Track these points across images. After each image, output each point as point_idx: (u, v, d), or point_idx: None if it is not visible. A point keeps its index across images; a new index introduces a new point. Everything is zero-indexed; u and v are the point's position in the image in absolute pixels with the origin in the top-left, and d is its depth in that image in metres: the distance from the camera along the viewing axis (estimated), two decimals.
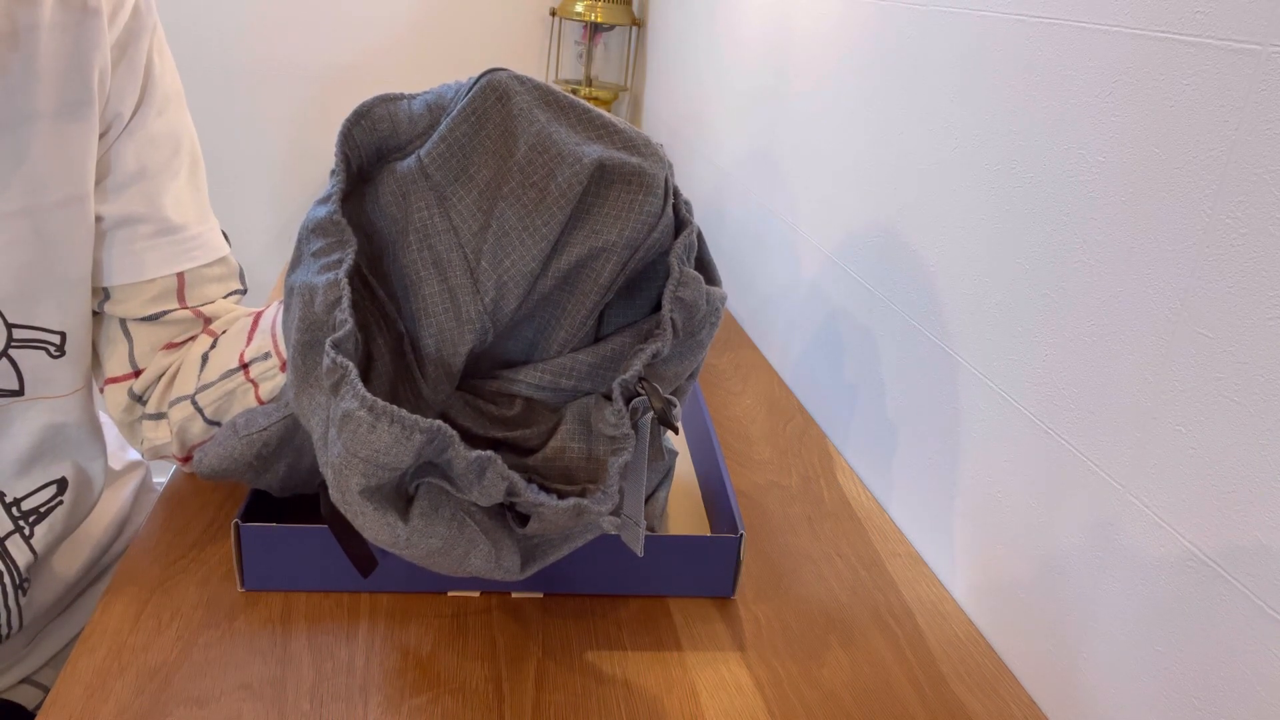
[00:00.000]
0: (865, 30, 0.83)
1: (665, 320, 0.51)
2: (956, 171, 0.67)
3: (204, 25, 1.72)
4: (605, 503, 0.48)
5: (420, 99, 0.52)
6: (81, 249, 0.60)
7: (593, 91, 1.81)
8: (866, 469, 0.81)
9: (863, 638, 0.61)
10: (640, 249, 0.51)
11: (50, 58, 0.55)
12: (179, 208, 0.65)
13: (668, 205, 0.52)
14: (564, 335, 0.52)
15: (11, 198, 0.55)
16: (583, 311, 0.51)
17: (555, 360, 0.52)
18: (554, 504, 0.46)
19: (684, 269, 0.51)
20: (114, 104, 0.60)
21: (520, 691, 0.53)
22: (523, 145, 0.49)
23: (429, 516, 0.46)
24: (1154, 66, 0.49)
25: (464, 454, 0.44)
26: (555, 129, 0.50)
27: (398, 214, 0.51)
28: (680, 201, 0.54)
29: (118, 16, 0.59)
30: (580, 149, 0.49)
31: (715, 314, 0.55)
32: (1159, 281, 0.48)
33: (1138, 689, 0.50)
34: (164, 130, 0.64)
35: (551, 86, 0.51)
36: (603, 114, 0.52)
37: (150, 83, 0.62)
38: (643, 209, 0.50)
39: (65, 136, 0.57)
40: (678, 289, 0.51)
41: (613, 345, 0.52)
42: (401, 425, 0.42)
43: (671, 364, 0.53)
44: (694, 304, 0.52)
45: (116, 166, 0.61)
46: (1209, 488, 0.45)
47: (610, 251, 0.50)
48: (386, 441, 0.43)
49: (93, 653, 0.53)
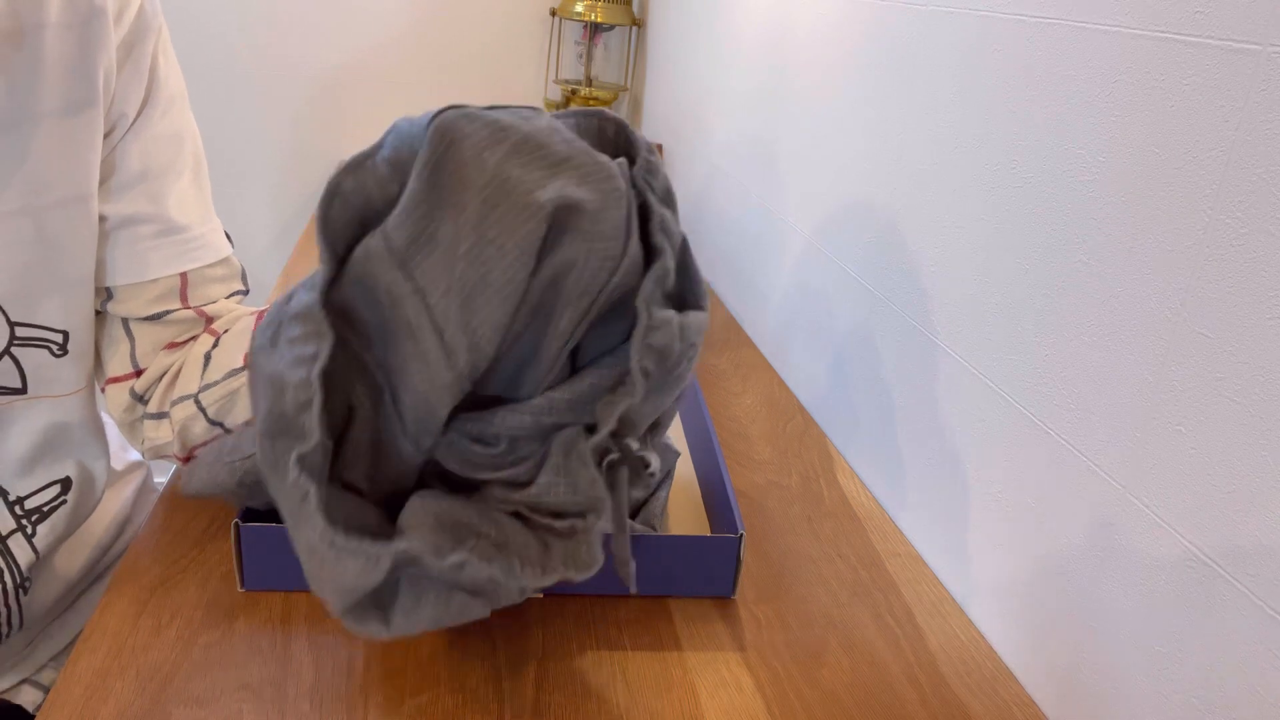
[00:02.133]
0: (865, 30, 0.83)
1: (634, 373, 0.48)
2: (956, 171, 0.67)
3: (205, 25, 1.72)
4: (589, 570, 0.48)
5: (382, 155, 0.49)
6: (84, 248, 0.60)
7: (593, 91, 1.81)
8: (866, 469, 0.81)
9: (863, 638, 0.61)
10: (601, 294, 0.49)
11: (55, 57, 0.55)
12: (183, 208, 0.65)
13: (630, 243, 0.49)
14: (537, 375, 0.50)
15: (14, 196, 0.55)
16: (551, 354, 0.49)
17: (533, 402, 0.50)
18: (539, 583, 0.47)
19: (653, 314, 0.48)
20: (119, 104, 0.60)
21: (520, 691, 0.53)
22: (475, 198, 0.46)
23: (411, 612, 0.48)
24: (1154, 66, 0.49)
25: (437, 564, 0.44)
26: (508, 172, 0.46)
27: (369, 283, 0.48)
28: (654, 224, 0.50)
29: (124, 17, 0.59)
30: (533, 195, 0.46)
31: (693, 348, 0.51)
32: (1159, 281, 0.48)
33: (1138, 689, 0.50)
34: (168, 131, 0.64)
35: (502, 120, 0.47)
36: (559, 142, 0.48)
37: (155, 83, 0.62)
38: (600, 256, 0.47)
39: (69, 136, 0.57)
40: (647, 335, 0.48)
41: (590, 380, 0.50)
42: (365, 557, 0.43)
43: (650, 401, 0.51)
44: (666, 349, 0.48)
45: (121, 166, 0.61)
46: (1209, 488, 0.45)
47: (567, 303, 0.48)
48: (353, 572, 0.44)
49: (93, 653, 0.53)
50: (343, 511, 0.48)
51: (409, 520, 0.48)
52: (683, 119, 1.50)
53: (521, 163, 0.47)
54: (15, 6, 0.53)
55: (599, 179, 0.47)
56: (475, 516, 0.50)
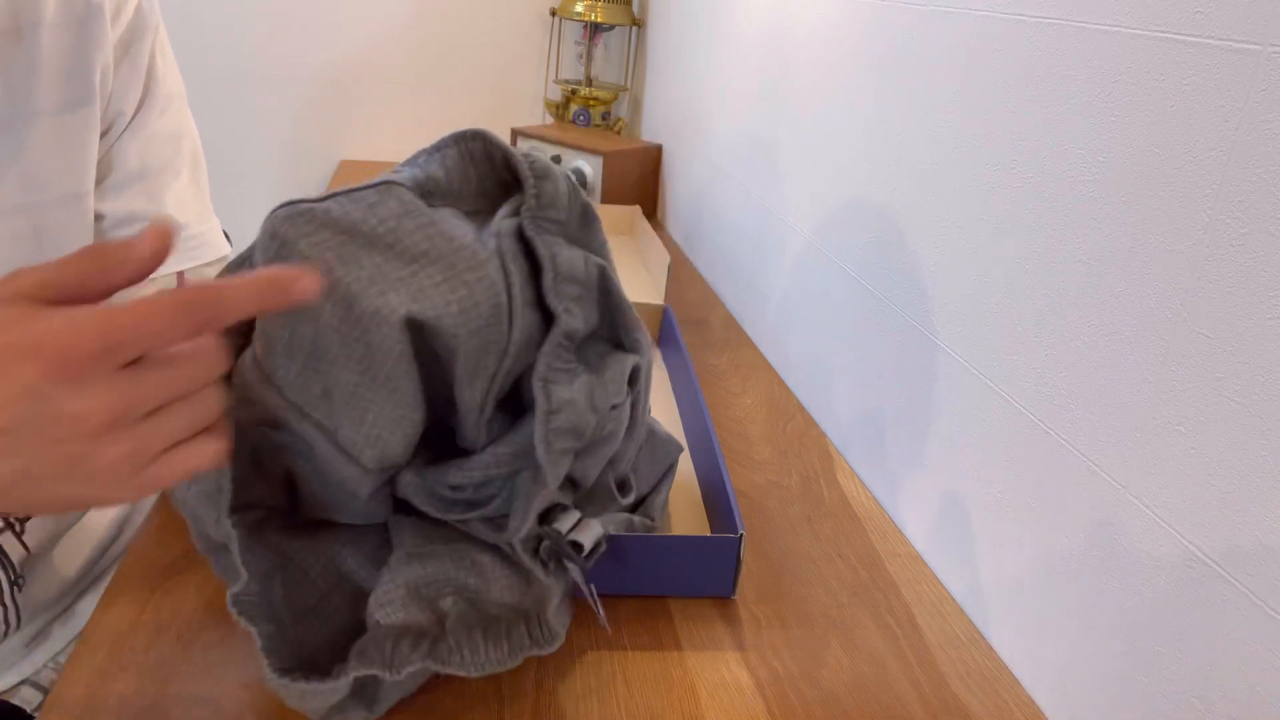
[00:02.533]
0: (865, 30, 0.83)
1: (543, 463, 0.45)
2: (956, 171, 0.67)
3: (204, 24, 1.72)
4: (552, 642, 0.49)
5: (256, 259, 0.46)
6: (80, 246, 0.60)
7: (593, 91, 1.81)
8: (866, 469, 0.81)
9: (863, 638, 0.61)
10: (498, 374, 0.46)
11: (52, 55, 0.55)
12: (181, 207, 0.65)
13: (514, 325, 0.45)
14: (473, 432, 0.49)
15: (11, 194, 0.55)
16: (474, 419, 0.48)
17: (478, 458, 0.49)
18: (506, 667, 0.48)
19: (551, 397, 0.45)
20: (116, 102, 0.60)
21: (520, 691, 0.53)
22: (327, 304, 0.42)
23: (392, 690, 0.49)
24: (1154, 66, 0.48)
25: (392, 677, 0.45)
26: (354, 274, 0.42)
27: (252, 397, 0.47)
28: (546, 282, 0.46)
29: (120, 15, 0.59)
30: (382, 300, 0.42)
31: (615, 410, 0.49)
32: (1159, 281, 0.48)
33: (1138, 689, 0.50)
34: (166, 129, 0.64)
35: (346, 213, 0.43)
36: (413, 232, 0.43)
37: (153, 82, 0.63)
38: (480, 345, 0.45)
39: (66, 134, 0.57)
40: (549, 420, 0.45)
41: (528, 430, 0.48)
42: (319, 694, 0.45)
43: (586, 459, 0.50)
44: (576, 428, 0.46)
45: (118, 165, 0.61)
46: (1209, 488, 0.45)
47: (464, 383, 0.46)
48: (315, 703, 0.46)
49: (93, 653, 0.53)
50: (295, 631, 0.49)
51: (378, 601, 0.49)
52: (683, 119, 1.50)
53: (376, 257, 0.43)
54: (13, 5, 0.53)
55: (464, 268, 0.44)
56: (455, 568, 0.50)
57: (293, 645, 0.48)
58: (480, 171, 0.49)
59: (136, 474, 0.37)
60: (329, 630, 0.50)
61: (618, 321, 0.52)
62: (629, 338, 0.52)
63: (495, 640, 0.47)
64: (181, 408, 0.38)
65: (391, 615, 0.48)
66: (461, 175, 0.49)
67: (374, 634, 0.47)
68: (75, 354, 0.34)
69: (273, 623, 0.48)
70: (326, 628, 0.50)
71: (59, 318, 0.34)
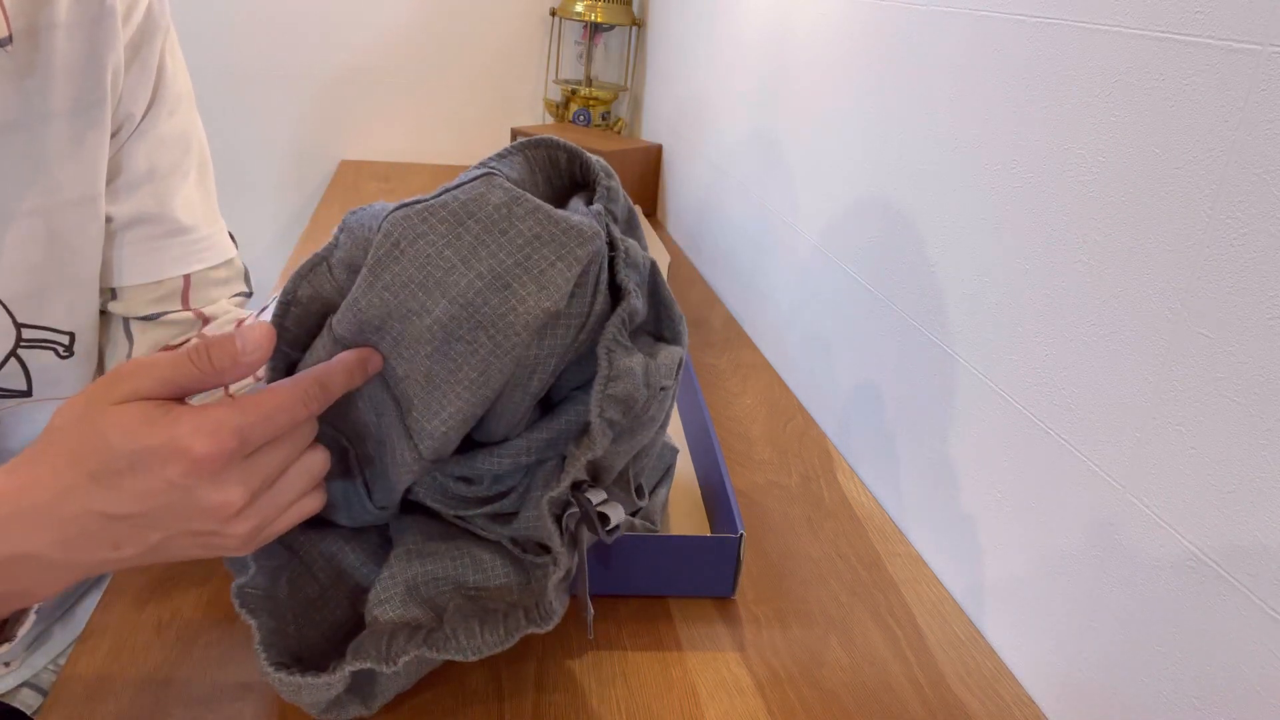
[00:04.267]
0: (865, 30, 0.83)
1: (595, 426, 0.46)
2: (956, 171, 0.67)
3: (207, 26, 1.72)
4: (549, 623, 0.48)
5: (337, 257, 0.48)
6: (92, 249, 0.60)
7: (593, 91, 1.81)
8: (866, 469, 0.81)
9: (863, 638, 0.61)
10: (568, 352, 0.47)
11: (66, 57, 0.55)
12: (189, 209, 0.65)
13: (596, 301, 0.46)
14: (512, 423, 0.49)
15: (28, 196, 0.55)
16: (523, 410, 0.49)
17: (512, 444, 0.49)
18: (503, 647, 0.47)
19: (614, 363, 0.46)
20: (126, 104, 0.60)
21: (520, 691, 0.53)
22: (441, 301, 0.43)
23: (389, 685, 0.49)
24: (1154, 66, 0.48)
25: (389, 670, 0.46)
26: (472, 270, 0.43)
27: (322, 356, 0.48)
28: (619, 260, 0.47)
29: (131, 16, 0.59)
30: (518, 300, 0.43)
31: (662, 391, 0.50)
32: (1159, 281, 0.48)
33: (1138, 689, 0.50)
34: (175, 131, 0.64)
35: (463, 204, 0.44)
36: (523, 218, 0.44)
37: (162, 83, 0.62)
38: (566, 324, 0.46)
39: (80, 136, 0.57)
40: (608, 386, 0.46)
41: (566, 416, 0.49)
42: (315, 688, 0.45)
43: (622, 444, 0.50)
44: (630, 398, 0.47)
45: (127, 166, 0.61)
46: (1209, 488, 0.45)
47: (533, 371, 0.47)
48: (311, 697, 0.46)
49: (93, 653, 0.53)
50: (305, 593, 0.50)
51: (377, 598, 0.49)
52: (683, 119, 1.50)
53: (490, 248, 0.43)
54: (27, 6, 0.53)
55: (576, 244, 0.44)
56: (455, 565, 0.50)
57: (291, 641, 0.48)
58: (545, 175, 0.51)
59: (256, 537, 0.42)
60: (327, 625, 0.51)
61: (663, 315, 0.53)
62: (672, 330, 0.54)
63: (493, 626, 0.47)
64: (296, 474, 0.43)
65: (390, 612, 0.48)
66: (530, 181, 0.50)
67: (371, 629, 0.48)
68: (217, 454, 0.38)
69: (274, 618, 0.48)
70: (325, 623, 0.51)
71: (197, 418, 0.38)
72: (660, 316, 0.53)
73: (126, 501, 0.38)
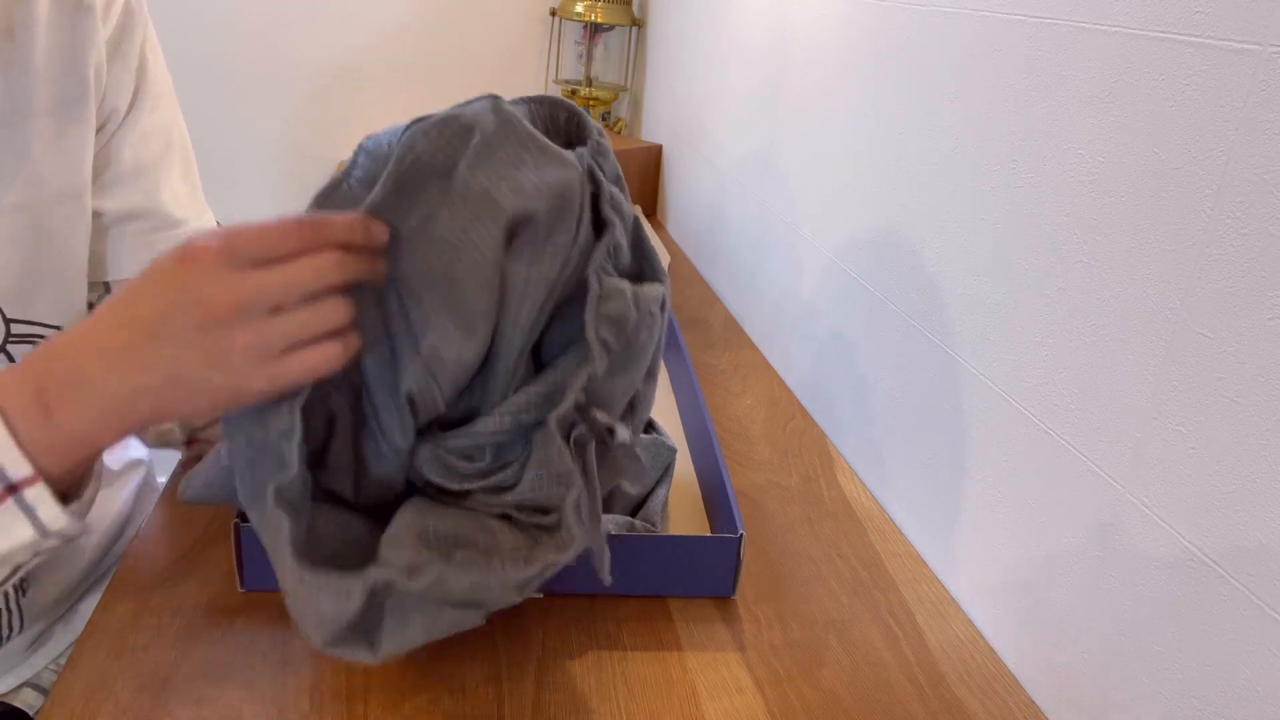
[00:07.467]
0: (865, 30, 0.83)
1: (592, 342, 0.48)
2: (956, 171, 0.67)
3: (199, 23, 1.72)
4: (569, 548, 0.48)
5: (355, 176, 0.50)
6: (80, 244, 0.60)
7: (593, 91, 1.81)
8: (866, 469, 0.81)
9: (863, 638, 0.61)
10: (556, 286, 0.49)
11: (47, 54, 0.56)
12: (177, 202, 0.66)
13: (580, 229, 0.49)
14: (505, 375, 0.50)
15: (11, 192, 0.56)
16: (515, 349, 0.50)
17: (511, 400, 0.50)
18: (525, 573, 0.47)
19: (604, 282, 0.49)
20: (110, 99, 0.61)
21: (520, 691, 0.53)
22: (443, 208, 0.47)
23: (398, 634, 0.48)
24: (1154, 66, 0.49)
25: (413, 586, 0.45)
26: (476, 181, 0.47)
27: None
28: (604, 201, 0.51)
29: (110, 12, 0.59)
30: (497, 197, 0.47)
31: (651, 316, 0.52)
32: (1159, 281, 0.48)
33: (1138, 689, 0.50)
34: (157, 125, 0.65)
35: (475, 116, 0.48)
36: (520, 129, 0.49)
37: (144, 78, 0.63)
38: (553, 247, 0.48)
39: (63, 132, 0.57)
40: (600, 304, 0.48)
41: (560, 370, 0.50)
42: (335, 591, 0.44)
43: (616, 378, 0.51)
44: (621, 317, 0.49)
45: (114, 161, 0.62)
46: (1209, 488, 0.45)
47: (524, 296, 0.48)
48: (327, 606, 0.45)
49: (93, 653, 0.53)
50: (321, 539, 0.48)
51: (391, 538, 0.48)
52: (683, 119, 1.50)
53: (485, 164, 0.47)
54: (5, 5, 0.54)
55: (557, 160, 0.49)
56: (464, 524, 0.50)
57: (324, 541, 0.48)
58: (544, 129, 0.54)
59: (265, 364, 0.44)
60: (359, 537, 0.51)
61: (644, 264, 0.55)
62: (653, 272, 0.55)
63: (514, 545, 0.48)
64: (302, 309, 0.44)
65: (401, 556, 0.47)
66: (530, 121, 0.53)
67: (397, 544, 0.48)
68: (205, 248, 0.42)
69: (314, 511, 0.49)
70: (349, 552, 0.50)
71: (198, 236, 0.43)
72: (642, 265, 0.55)
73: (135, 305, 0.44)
